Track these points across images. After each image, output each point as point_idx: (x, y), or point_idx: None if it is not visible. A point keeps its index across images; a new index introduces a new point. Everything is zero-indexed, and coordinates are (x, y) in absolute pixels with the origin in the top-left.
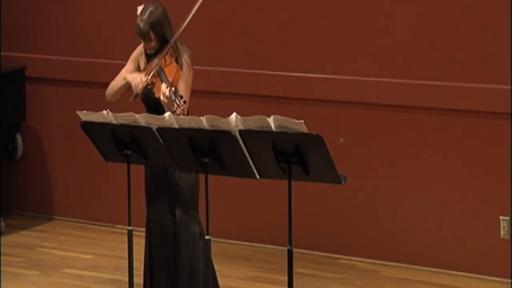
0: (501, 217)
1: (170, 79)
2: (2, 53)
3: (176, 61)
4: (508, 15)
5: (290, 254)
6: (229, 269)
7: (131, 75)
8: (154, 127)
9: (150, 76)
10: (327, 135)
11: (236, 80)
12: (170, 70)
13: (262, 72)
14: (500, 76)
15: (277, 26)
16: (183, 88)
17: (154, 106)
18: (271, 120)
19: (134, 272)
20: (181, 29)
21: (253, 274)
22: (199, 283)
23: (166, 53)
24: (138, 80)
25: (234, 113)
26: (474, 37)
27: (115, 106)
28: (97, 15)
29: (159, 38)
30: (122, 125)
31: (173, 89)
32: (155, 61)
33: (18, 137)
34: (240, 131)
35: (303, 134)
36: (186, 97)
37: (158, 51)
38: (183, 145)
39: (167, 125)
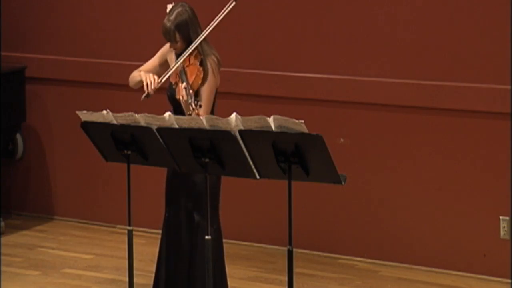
0: (501, 217)
1: (190, 80)
2: (2, 53)
3: (201, 63)
4: (508, 15)
5: (290, 254)
6: (229, 269)
7: (147, 74)
8: (154, 127)
9: (167, 76)
10: (327, 135)
11: (236, 80)
12: (192, 71)
13: (262, 72)
14: (500, 76)
15: (277, 26)
16: (205, 92)
17: (179, 105)
18: (271, 120)
19: (134, 272)
20: (206, 32)
21: (253, 274)
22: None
23: (191, 54)
24: (150, 79)
25: (234, 113)
26: (474, 37)
27: (115, 106)
28: (97, 15)
29: (185, 40)
30: (122, 125)
31: (191, 91)
32: (178, 59)
33: (18, 137)
34: (240, 131)
35: (303, 134)
36: (206, 100)
37: (184, 51)
38: (183, 145)
39: (167, 125)
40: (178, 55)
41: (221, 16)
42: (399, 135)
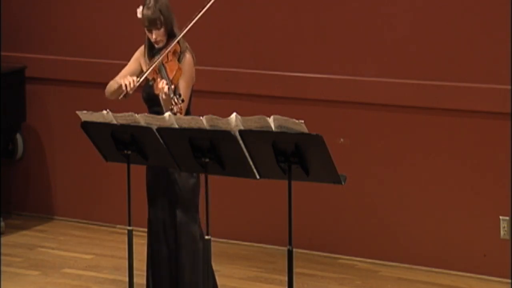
0: (501, 217)
1: (171, 76)
2: (2, 53)
3: (179, 59)
4: (508, 15)
5: (290, 254)
6: (229, 269)
7: (123, 78)
8: (154, 127)
9: (147, 73)
10: (327, 135)
11: (236, 80)
12: (171, 67)
13: (262, 72)
14: (500, 76)
15: (277, 26)
16: (183, 86)
17: (155, 104)
18: (271, 120)
19: (134, 272)
20: (189, 26)
21: (253, 274)
22: (199, 284)
23: (171, 50)
24: (129, 80)
25: (234, 113)
26: (474, 37)
27: (115, 106)
28: (97, 15)
29: (167, 26)
30: (122, 125)
31: (172, 86)
32: (157, 57)
33: (18, 137)
34: (240, 131)
35: (303, 134)
36: (185, 96)
37: (162, 48)
38: (183, 145)
39: (167, 125)
40: (152, 55)
41: (206, 8)
42: (399, 135)
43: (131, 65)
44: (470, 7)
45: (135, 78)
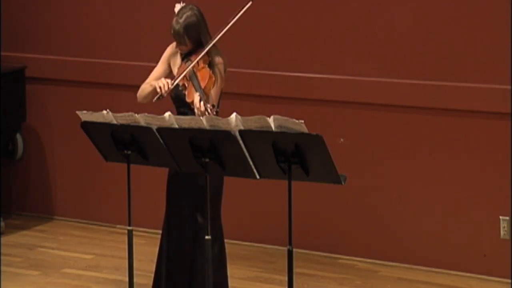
0: (501, 217)
1: (203, 85)
2: (2, 53)
3: (209, 65)
4: (508, 15)
5: (290, 254)
6: (229, 269)
7: (157, 80)
8: (154, 127)
9: (180, 78)
10: (327, 135)
11: (236, 80)
12: (203, 75)
13: (262, 72)
14: (500, 76)
15: (277, 26)
16: (214, 94)
17: (184, 105)
18: (271, 120)
19: (134, 272)
20: (220, 34)
21: (253, 274)
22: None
23: (201, 58)
24: (163, 82)
25: (234, 113)
26: (473, 37)
27: (115, 106)
28: (97, 15)
29: (194, 42)
30: (122, 125)
31: (204, 96)
32: (188, 63)
33: (18, 137)
34: (240, 131)
35: (303, 134)
36: (215, 102)
37: (192, 52)
38: (183, 145)
39: (167, 125)
40: (184, 56)
41: (237, 17)
42: (399, 135)
43: (161, 66)
44: (470, 7)
45: (169, 80)
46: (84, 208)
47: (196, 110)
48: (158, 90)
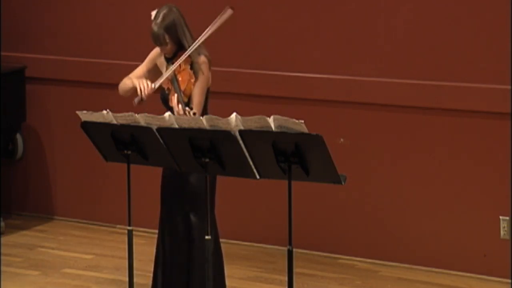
0: (501, 217)
1: (183, 87)
2: (2, 53)
3: (191, 67)
4: (508, 15)
5: (290, 254)
6: (229, 269)
7: (139, 79)
8: (154, 127)
9: (160, 82)
10: (327, 135)
11: (236, 80)
12: (184, 77)
13: (262, 72)
14: (500, 76)
15: (277, 26)
16: (196, 94)
17: (171, 108)
18: (271, 120)
19: (134, 272)
20: (200, 40)
21: (253, 274)
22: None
23: (182, 60)
24: (144, 84)
25: (234, 113)
26: (473, 37)
27: (115, 106)
28: (97, 15)
29: (175, 41)
30: (122, 125)
31: (185, 98)
32: (170, 66)
33: (18, 137)
34: (240, 131)
35: (303, 134)
36: (197, 103)
37: (175, 55)
38: (183, 145)
39: (167, 125)
40: (168, 59)
41: (216, 24)
42: (399, 135)
43: (145, 65)
44: (470, 7)
45: (150, 83)
46: (84, 208)
47: (175, 113)
48: (139, 92)
